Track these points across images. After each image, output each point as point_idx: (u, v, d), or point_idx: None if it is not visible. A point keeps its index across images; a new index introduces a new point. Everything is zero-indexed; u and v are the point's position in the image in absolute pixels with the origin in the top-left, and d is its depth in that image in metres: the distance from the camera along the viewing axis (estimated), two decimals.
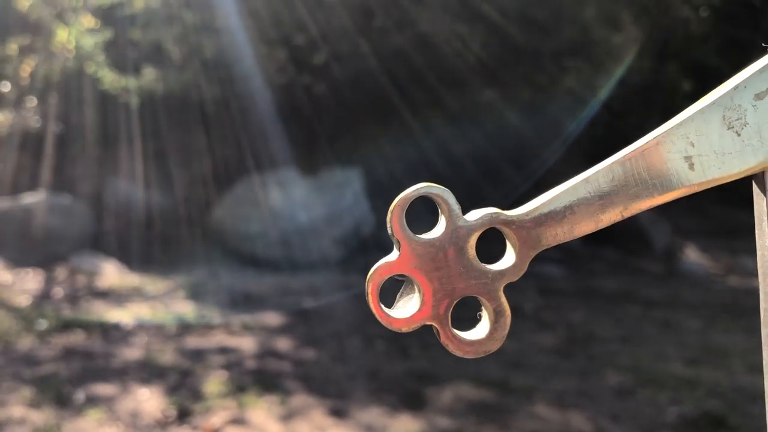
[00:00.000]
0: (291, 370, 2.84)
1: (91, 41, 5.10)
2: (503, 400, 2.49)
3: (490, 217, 0.27)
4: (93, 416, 2.34)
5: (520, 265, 0.27)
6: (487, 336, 0.28)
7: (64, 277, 4.22)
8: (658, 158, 0.26)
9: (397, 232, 0.27)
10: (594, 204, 0.26)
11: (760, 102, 0.26)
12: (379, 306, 0.27)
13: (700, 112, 0.26)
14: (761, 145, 0.26)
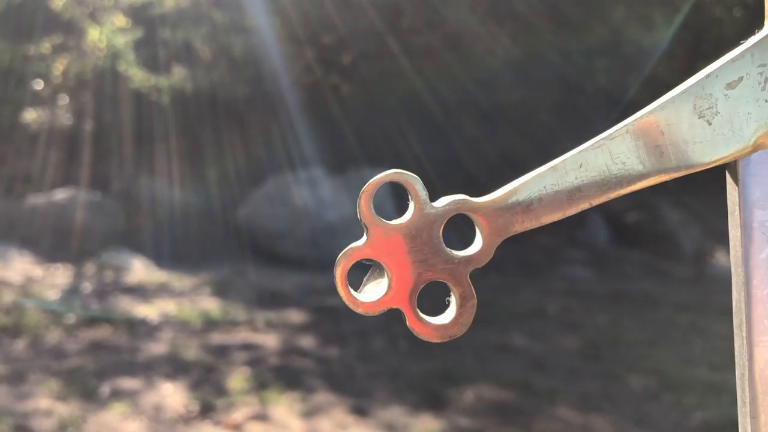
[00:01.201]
0: (314, 367, 2.85)
1: (122, 40, 5.18)
2: (525, 401, 2.48)
3: (457, 204, 0.27)
4: (117, 409, 2.37)
5: (487, 252, 0.28)
6: (452, 321, 0.28)
7: (93, 272, 4.29)
8: (627, 147, 0.26)
9: (365, 217, 0.27)
10: (562, 192, 0.27)
11: (732, 91, 0.26)
12: (346, 289, 0.27)
13: (671, 101, 0.26)
14: (732, 134, 0.26)
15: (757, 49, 0.26)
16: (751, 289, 0.27)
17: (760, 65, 0.26)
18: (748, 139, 0.26)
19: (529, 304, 3.82)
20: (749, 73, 0.26)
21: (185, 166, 5.52)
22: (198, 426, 2.29)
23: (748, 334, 0.27)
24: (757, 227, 0.27)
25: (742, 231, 0.27)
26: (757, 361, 0.27)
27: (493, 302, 3.93)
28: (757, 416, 0.27)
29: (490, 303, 3.93)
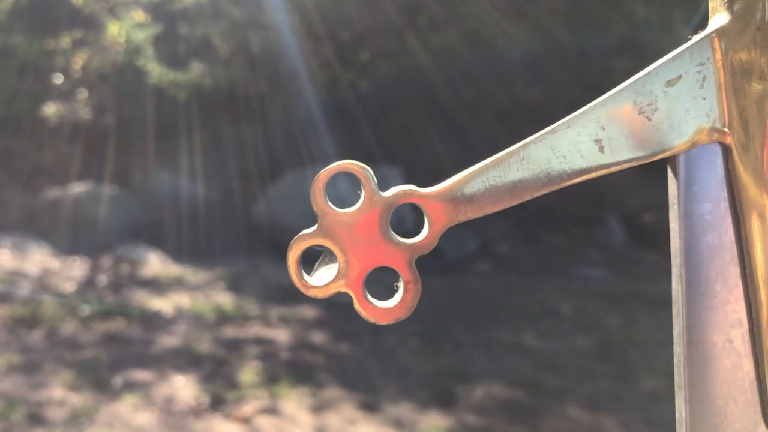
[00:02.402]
0: (324, 362, 2.86)
1: (141, 35, 5.22)
2: (534, 400, 2.47)
3: (404, 193, 0.29)
4: (129, 401, 2.40)
5: (432, 239, 0.29)
6: (398, 304, 0.29)
7: (108, 265, 4.33)
8: (568, 141, 0.27)
9: (316, 205, 0.29)
10: (504, 184, 0.28)
11: (671, 89, 0.27)
12: (298, 274, 0.29)
13: (612, 97, 0.27)
14: (671, 130, 0.27)
15: (697, 48, 0.27)
16: (687, 280, 0.28)
17: (699, 64, 0.27)
18: (686, 135, 0.27)
19: (542, 303, 3.80)
20: (688, 72, 0.27)
21: (202, 161, 5.56)
22: (208, 418, 2.31)
23: (683, 322, 0.28)
24: (695, 220, 0.27)
25: (681, 223, 0.28)
26: (690, 350, 0.28)
27: (506, 301, 3.93)
28: (693, 402, 0.28)
29: (503, 302, 3.92)
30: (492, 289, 4.26)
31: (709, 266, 0.27)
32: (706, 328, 0.27)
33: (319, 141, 5.59)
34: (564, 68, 5.66)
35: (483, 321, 3.52)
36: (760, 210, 0.26)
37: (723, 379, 0.27)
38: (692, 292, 0.28)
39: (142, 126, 5.52)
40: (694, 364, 0.28)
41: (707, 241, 0.27)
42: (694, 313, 0.27)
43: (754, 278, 0.26)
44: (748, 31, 0.26)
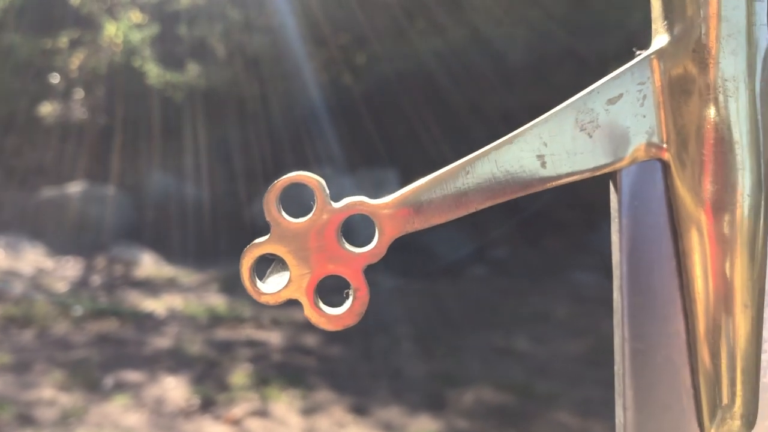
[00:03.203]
0: (316, 365, 2.86)
1: (138, 36, 5.22)
2: (525, 405, 2.48)
3: (354, 205, 0.30)
4: (119, 401, 2.40)
5: (381, 248, 0.29)
6: (346, 311, 0.29)
7: (102, 265, 4.33)
8: (511, 156, 0.28)
9: (268, 214, 0.30)
10: (450, 197, 0.29)
11: (612, 107, 0.28)
12: (250, 281, 0.29)
13: (554, 114, 0.28)
14: (612, 146, 0.28)
15: (638, 68, 0.28)
16: (627, 291, 0.29)
17: (639, 83, 0.28)
18: (626, 152, 0.28)
19: (535, 308, 3.81)
20: (629, 90, 0.28)
21: (198, 162, 5.56)
22: (198, 420, 2.31)
23: (622, 332, 0.29)
24: (635, 234, 0.28)
25: (621, 237, 0.29)
26: (630, 359, 0.29)
27: (499, 305, 3.93)
28: (630, 408, 0.29)
29: (496, 306, 3.93)
30: (486, 293, 4.27)
31: (648, 279, 0.28)
32: (645, 339, 0.28)
33: (316, 143, 5.60)
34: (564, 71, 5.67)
35: (476, 325, 3.53)
36: (697, 224, 0.27)
37: (661, 387, 0.28)
38: (632, 304, 0.29)
39: (138, 126, 5.52)
40: (633, 373, 0.28)
41: (647, 254, 0.28)
42: (634, 323, 0.28)
43: (691, 291, 0.27)
44: (686, 53, 0.27)
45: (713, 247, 0.27)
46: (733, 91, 0.26)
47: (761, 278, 0.27)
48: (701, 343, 0.27)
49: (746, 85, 0.26)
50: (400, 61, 5.59)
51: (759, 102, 0.27)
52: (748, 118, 0.26)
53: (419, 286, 4.08)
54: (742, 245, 0.26)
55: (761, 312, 0.27)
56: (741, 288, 0.27)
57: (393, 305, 3.73)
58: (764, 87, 0.27)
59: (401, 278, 4.11)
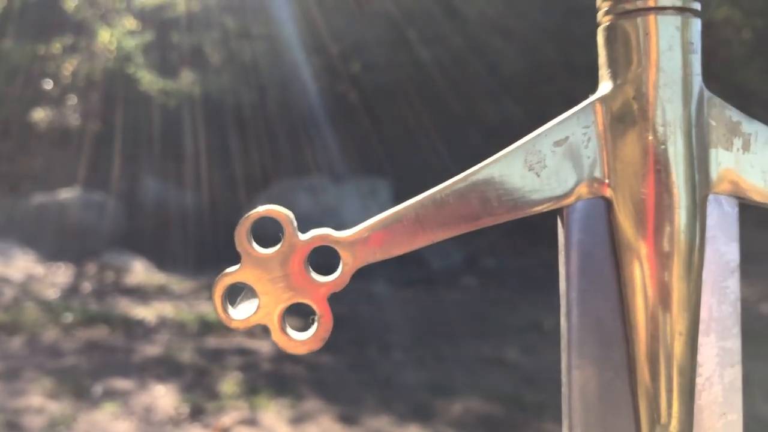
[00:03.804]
0: (305, 374, 2.86)
1: (132, 43, 5.23)
2: (513, 416, 2.49)
3: (320, 237, 0.31)
4: (108, 409, 2.39)
5: (344, 278, 0.31)
6: (311, 336, 0.31)
7: (93, 272, 4.32)
8: (465, 193, 0.30)
9: (240, 246, 0.31)
10: (408, 230, 0.30)
11: (559, 148, 0.30)
12: (222, 308, 0.31)
13: (505, 156, 0.30)
14: (558, 185, 0.30)
15: (582, 113, 0.30)
16: (573, 319, 0.31)
17: (584, 126, 0.30)
18: (571, 190, 0.30)
19: (525, 318, 3.82)
20: (574, 133, 0.30)
21: (190, 170, 5.56)
22: (187, 428, 2.31)
23: (569, 357, 0.31)
24: (580, 266, 0.30)
25: (567, 269, 0.31)
26: (575, 381, 0.31)
27: (490, 315, 3.94)
28: (577, 427, 0.31)
29: (487, 316, 3.94)
30: (476, 302, 4.28)
31: (592, 307, 0.30)
32: (589, 363, 0.30)
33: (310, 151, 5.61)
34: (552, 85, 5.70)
35: (466, 335, 3.54)
36: (637, 258, 0.29)
37: (604, 408, 0.30)
38: (576, 330, 0.31)
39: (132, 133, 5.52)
40: (578, 395, 0.31)
41: (591, 284, 0.30)
42: (578, 349, 0.31)
43: (632, 319, 0.29)
44: (627, 100, 0.29)
45: (652, 279, 0.29)
46: (670, 135, 0.28)
47: (696, 308, 0.29)
48: (641, 367, 0.29)
49: (682, 130, 0.29)
50: (395, 69, 5.62)
51: (694, 145, 0.29)
52: (684, 160, 0.29)
53: (411, 296, 4.09)
54: (678, 278, 0.29)
55: (696, 338, 0.29)
56: (677, 316, 0.29)
57: (384, 314, 3.74)
58: (698, 131, 0.29)
59: (393, 287, 4.12)
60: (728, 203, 0.30)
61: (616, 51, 0.30)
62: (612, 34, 0.30)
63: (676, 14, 0.29)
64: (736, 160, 0.30)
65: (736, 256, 0.30)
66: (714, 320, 0.30)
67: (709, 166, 0.29)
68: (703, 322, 0.30)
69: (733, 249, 0.30)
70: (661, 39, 0.28)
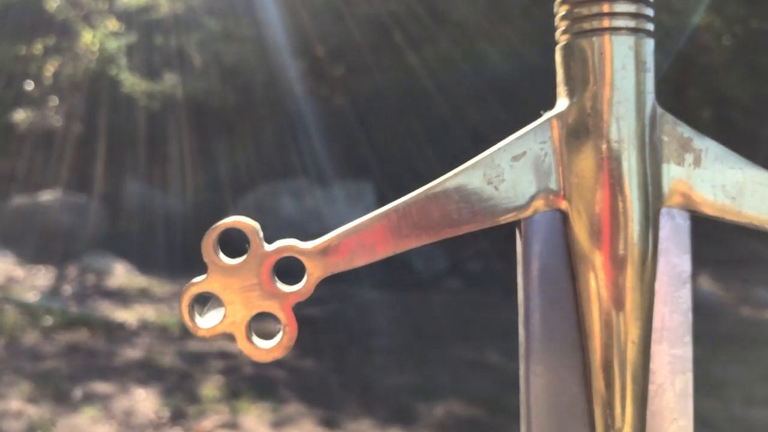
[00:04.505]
0: (287, 378, 2.86)
1: (115, 44, 5.20)
2: (494, 418, 2.50)
3: (285, 248, 0.32)
4: (88, 413, 2.38)
5: (308, 288, 0.32)
6: (276, 345, 0.32)
7: (74, 275, 4.29)
8: (426, 206, 0.31)
9: (206, 257, 0.31)
10: (369, 241, 0.31)
11: (516, 163, 0.31)
12: (189, 317, 0.31)
13: (465, 170, 0.31)
14: (516, 198, 0.31)
15: (540, 129, 0.31)
16: (530, 327, 0.32)
17: (541, 142, 0.31)
18: (528, 203, 0.31)
19: (508, 322, 3.81)
20: (532, 149, 0.31)
21: (173, 172, 5.54)
22: None
23: (527, 364, 0.32)
24: (537, 276, 0.31)
25: (524, 278, 0.32)
26: (533, 388, 0.31)
27: (473, 318, 3.96)
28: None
29: (470, 319, 3.95)
30: (460, 306, 4.29)
31: (549, 316, 0.31)
32: (546, 370, 0.31)
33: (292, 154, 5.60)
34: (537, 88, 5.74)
35: (448, 338, 3.55)
36: (592, 268, 0.30)
37: (561, 414, 0.31)
38: (534, 338, 0.31)
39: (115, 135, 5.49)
40: (536, 401, 0.31)
41: (548, 294, 0.31)
42: (536, 356, 0.31)
43: (586, 327, 0.30)
44: (582, 116, 0.30)
45: (606, 289, 0.30)
46: (624, 150, 0.30)
47: (649, 317, 0.30)
48: (596, 374, 0.30)
49: (635, 146, 0.30)
50: (381, 72, 5.63)
51: (647, 160, 0.30)
52: (637, 174, 0.30)
53: (394, 299, 4.09)
54: (632, 288, 0.30)
55: (648, 347, 0.30)
56: (631, 325, 0.30)
57: (367, 317, 3.74)
58: (651, 147, 0.30)
59: (377, 291, 4.12)
60: (680, 216, 0.31)
61: (572, 69, 0.31)
62: (569, 53, 0.31)
63: (630, 35, 0.30)
64: (687, 174, 0.31)
65: (688, 267, 0.32)
66: (666, 329, 0.31)
67: (661, 180, 0.31)
68: (656, 331, 0.31)
69: (685, 261, 0.32)
70: (615, 58, 0.29)
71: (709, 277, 5.59)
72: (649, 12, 0.30)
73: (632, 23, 0.30)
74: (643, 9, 0.30)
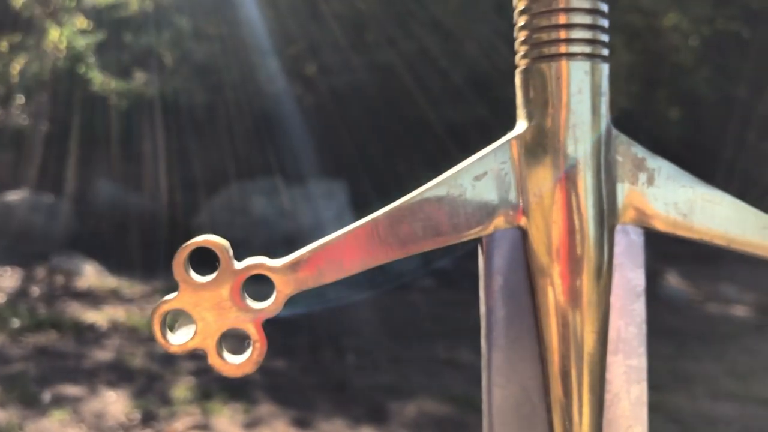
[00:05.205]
0: (259, 379, 2.85)
1: (83, 42, 5.13)
2: (466, 416, 2.52)
3: (254, 266, 0.32)
4: (57, 417, 2.35)
5: (277, 305, 0.33)
6: (246, 360, 0.32)
7: (42, 276, 4.23)
8: (393, 224, 0.32)
9: (177, 275, 0.32)
10: (338, 258, 0.32)
11: (478, 182, 0.32)
12: (161, 334, 0.32)
13: (429, 189, 0.32)
14: (478, 216, 0.32)
15: (500, 150, 0.33)
16: (492, 340, 0.33)
17: (501, 162, 0.32)
18: (489, 221, 0.32)
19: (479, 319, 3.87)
20: (492, 169, 0.32)
21: (144, 171, 5.48)
22: None
23: (489, 376, 0.33)
24: (498, 290, 0.33)
25: (486, 293, 0.33)
26: (495, 398, 0.33)
27: (445, 316, 3.98)
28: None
29: (441, 317, 3.98)
30: (432, 304, 4.31)
31: (509, 329, 0.33)
32: (507, 381, 0.33)
33: (264, 154, 5.58)
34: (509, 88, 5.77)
35: (421, 336, 3.57)
36: (550, 284, 0.31)
37: (521, 424, 0.32)
38: (496, 350, 0.33)
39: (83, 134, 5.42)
40: (497, 410, 0.33)
41: (508, 308, 0.33)
42: (497, 367, 0.33)
43: (545, 340, 0.32)
44: (541, 138, 0.32)
45: (563, 302, 0.31)
46: (580, 171, 0.31)
47: (604, 329, 0.32)
48: (555, 384, 0.31)
49: (590, 166, 0.31)
50: (352, 72, 5.63)
51: (603, 179, 0.31)
52: (592, 193, 0.31)
53: (366, 298, 4.10)
54: (588, 301, 0.31)
55: (604, 358, 0.32)
56: (587, 338, 0.31)
57: (339, 317, 3.74)
58: (606, 167, 0.32)
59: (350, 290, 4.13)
60: (635, 233, 0.33)
61: (531, 92, 0.32)
62: (527, 77, 0.32)
63: (586, 60, 0.31)
64: (641, 193, 0.32)
65: (641, 281, 0.33)
66: (622, 341, 0.33)
67: (616, 198, 0.32)
68: (612, 343, 0.32)
69: (639, 275, 0.33)
70: (572, 83, 0.31)
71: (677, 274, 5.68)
72: (605, 38, 0.32)
73: (588, 49, 0.31)
74: (598, 35, 0.31)
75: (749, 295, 4.96)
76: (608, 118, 0.32)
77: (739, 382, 3.01)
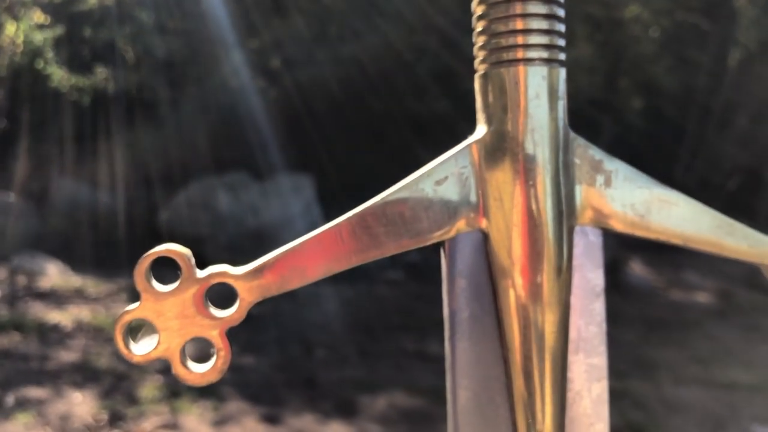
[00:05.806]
0: (228, 376, 2.84)
1: (41, 37, 5.03)
2: (436, 408, 2.54)
3: (216, 274, 0.32)
4: (21, 420, 2.32)
5: (240, 313, 0.32)
6: (210, 369, 0.32)
7: (3, 276, 4.15)
8: (356, 230, 0.32)
9: (139, 284, 0.32)
10: (301, 265, 0.32)
11: (440, 187, 0.33)
12: (123, 344, 0.32)
13: (391, 194, 0.33)
14: (439, 220, 0.33)
15: (460, 154, 0.33)
16: (455, 342, 0.33)
17: (462, 167, 0.33)
18: (451, 224, 0.33)
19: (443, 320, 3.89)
20: (453, 173, 0.33)
21: (105, 168, 5.40)
22: None
23: (453, 378, 0.33)
24: (460, 293, 0.33)
25: (449, 295, 0.33)
26: (459, 399, 0.33)
27: (414, 309, 4.00)
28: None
29: (410, 310, 3.99)
30: (400, 297, 4.33)
31: (472, 330, 0.33)
32: (470, 382, 0.33)
33: (227, 149, 5.53)
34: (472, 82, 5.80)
35: (390, 329, 3.58)
36: (511, 285, 0.32)
37: (485, 423, 0.33)
38: (459, 352, 0.33)
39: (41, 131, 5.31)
40: (462, 411, 0.33)
41: (470, 310, 0.33)
42: (461, 369, 0.33)
43: (507, 340, 0.32)
44: (500, 142, 0.32)
45: (524, 303, 0.32)
46: (538, 174, 0.31)
47: (565, 329, 0.32)
48: (518, 384, 0.32)
49: (549, 169, 0.32)
50: (316, 65, 5.61)
51: (561, 182, 0.32)
52: (551, 195, 0.32)
53: (335, 292, 4.10)
54: (548, 302, 0.32)
55: (566, 357, 0.32)
56: (548, 337, 0.32)
57: (308, 312, 3.74)
58: (564, 169, 0.32)
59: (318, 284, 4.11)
60: (593, 233, 0.33)
61: (490, 97, 0.32)
62: (486, 82, 0.33)
63: (543, 65, 0.31)
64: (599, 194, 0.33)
65: (601, 281, 0.34)
66: (582, 340, 0.33)
67: (574, 200, 0.33)
68: (572, 342, 0.33)
69: (599, 275, 0.33)
70: (529, 88, 0.31)
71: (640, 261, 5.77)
72: (561, 43, 0.32)
73: (545, 54, 0.31)
74: (555, 40, 0.32)
75: (711, 282, 5.07)
76: (566, 121, 0.32)
77: (701, 368, 3.08)
